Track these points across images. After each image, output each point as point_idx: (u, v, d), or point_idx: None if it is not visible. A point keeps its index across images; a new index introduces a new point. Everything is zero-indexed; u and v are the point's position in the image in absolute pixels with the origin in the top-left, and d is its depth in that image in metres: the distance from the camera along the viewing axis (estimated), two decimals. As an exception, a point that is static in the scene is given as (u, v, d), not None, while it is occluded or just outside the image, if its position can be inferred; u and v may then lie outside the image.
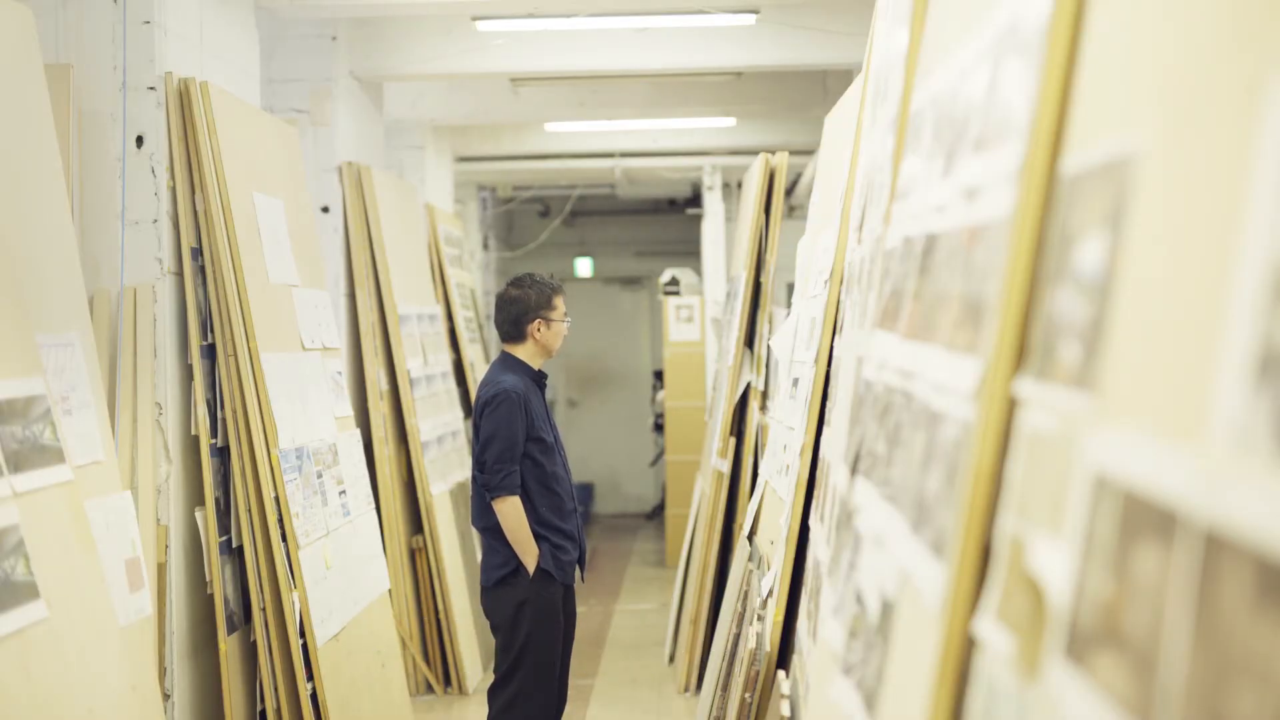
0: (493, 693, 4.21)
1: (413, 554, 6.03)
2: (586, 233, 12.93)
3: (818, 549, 2.47)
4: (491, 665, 5.40)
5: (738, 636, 3.86)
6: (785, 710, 2.70)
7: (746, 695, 3.27)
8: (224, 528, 4.15)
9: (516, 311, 4.28)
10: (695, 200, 11.38)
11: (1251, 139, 0.80)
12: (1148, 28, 1.03)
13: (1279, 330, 0.73)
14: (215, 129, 4.12)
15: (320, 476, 4.42)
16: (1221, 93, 0.86)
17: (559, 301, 4.33)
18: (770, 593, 3.35)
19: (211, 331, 4.12)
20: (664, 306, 9.97)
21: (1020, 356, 1.20)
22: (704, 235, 10.42)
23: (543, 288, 4.30)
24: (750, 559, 4.15)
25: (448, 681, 6.08)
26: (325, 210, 5.95)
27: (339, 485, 4.58)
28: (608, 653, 7.02)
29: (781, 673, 3.06)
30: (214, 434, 4.11)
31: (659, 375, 11.34)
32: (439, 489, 6.22)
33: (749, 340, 5.75)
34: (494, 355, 8.68)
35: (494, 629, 4.24)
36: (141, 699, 3.16)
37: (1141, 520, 0.86)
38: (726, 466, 5.67)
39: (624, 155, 9.60)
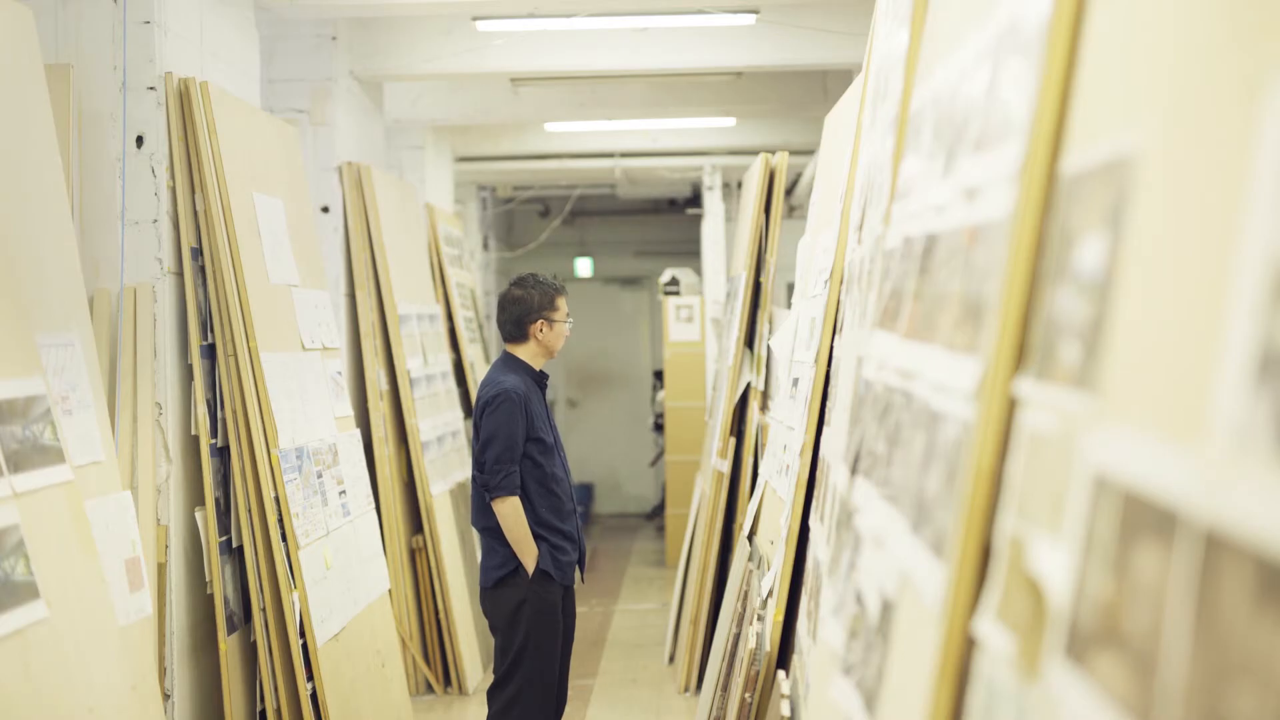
0: (492, 693, 4.21)
1: (413, 554, 6.03)
2: (586, 233, 12.93)
3: (818, 549, 2.47)
4: (491, 665, 5.40)
5: (738, 636, 3.86)
6: (785, 710, 2.70)
7: (746, 695, 3.27)
8: (224, 528, 4.15)
9: (519, 312, 4.28)
10: (695, 200, 11.38)
11: (1251, 139, 0.80)
12: (1147, 28, 1.03)
13: (1279, 330, 0.73)
14: (215, 129, 4.12)
15: (320, 476, 4.42)
16: (1221, 93, 0.86)
17: (561, 302, 4.33)
18: (770, 593, 3.35)
19: (211, 331, 4.12)
20: (664, 306, 9.97)
21: (1020, 356, 1.20)
22: (704, 235, 10.42)
23: (546, 288, 4.30)
24: (750, 559, 4.15)
25: (448, 681, 6.08)
26: (325, 210, 5.95)
27: (339, 485, 4.58)
28: (608, 653, 7.02)
29: (781, 673, 3.06)
30: (214, 434, 4.11)
31: (659, 375, 11.34)
32: (439, 489, 6.22)
33: (749, 340, 5.75)
34: (494, 355, 8.70)
35: (493, 629, 4.24)
36: (141, 699, 3.16)
37: (1141, 520, 0.86)
38: (726, 466, 5.67)
39: (624, 155, 9.60)
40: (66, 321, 3.25)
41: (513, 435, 4.09)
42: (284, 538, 4.09)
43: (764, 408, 5.27)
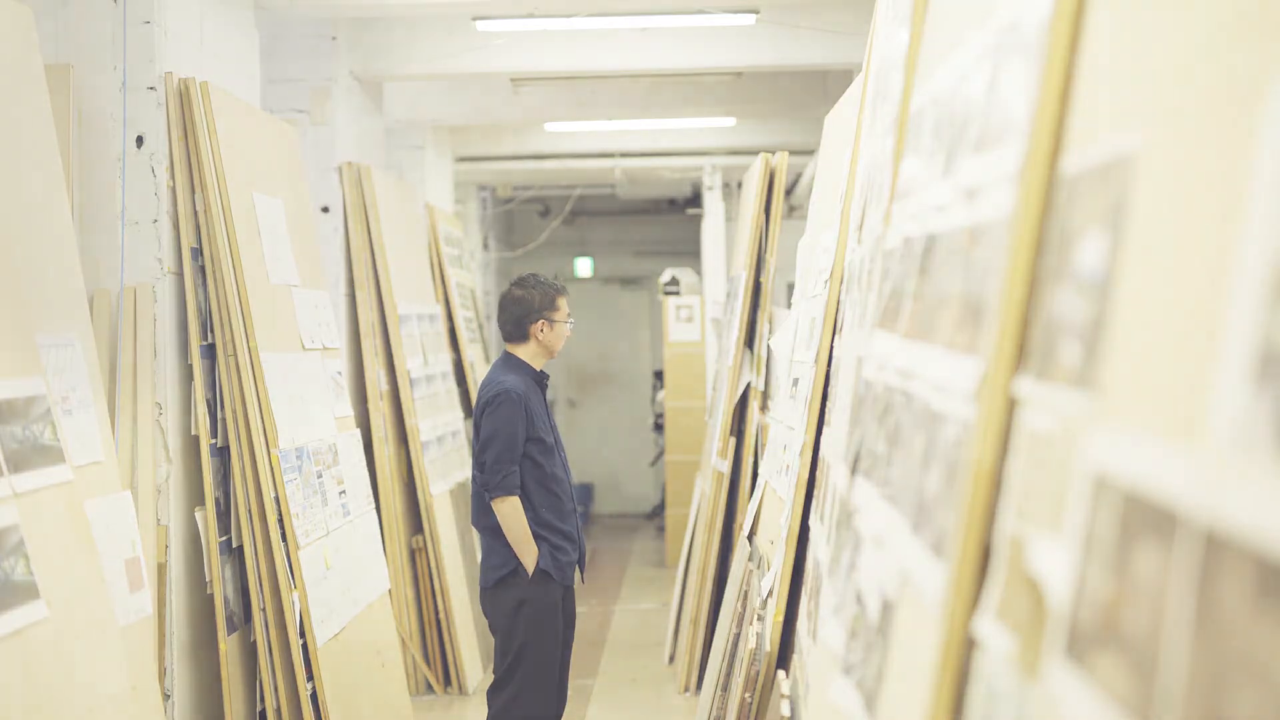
0: (492, 693, 4.21)
1: (413, 554, 6.03)
2: (586, 233, 12.93)
3: (818, 549, 2.47)
4: (491, 665, 5.40)
5: (738, 636, 3.86)
6: (785, 710, 2.70)
7: (746, 695, 3.27)
8: (224, 528, 4.15)
9: (520, 312, 4.28)
10: (695, 200, 11.38)
11: (1251, 139, 0.80)
12: (1147, 27, 1.03)
13: (1279, 330, 0.73)
14: (215, 129, 4.12)
15: (320, 476, 4.42)
16: (1221, 93, 0.86)
17: (562, 303, 4.34)
18: (770, 593, 3.35)
19: (211, 331, 4.12)
20: (664, 306, 9.97)
21: (1020, 356, 1.20)
22: (704, 235, 10.42)
23: (546, 289, 4.31)
24: (750, 559, 4.15)
25: (448, 681, 6.08)
26: (325, 210, 5.95)
27: (339, 485, 4.58)
28: (608, 653, 7.01)
29: (781, 673, 3.06)
30: (214, 434, 4.11)
31: (659, 375, 11.34)
32: (439, 489, 6.22)
33: (749, 340, 5.75)
34: (494, 355, 8.69)
35: (493, 629, 4.24)
36: (141, 699, 3.16)
37: (1141, 520, 0.86)
38: (726, 466, 5.67)
39: (624, 155, 9.60)
40: (66, 321, 3.25)
41: (513, 435, 4.09)
42: (284, 538, 4.09)
43: (764, 408, 5.27)
